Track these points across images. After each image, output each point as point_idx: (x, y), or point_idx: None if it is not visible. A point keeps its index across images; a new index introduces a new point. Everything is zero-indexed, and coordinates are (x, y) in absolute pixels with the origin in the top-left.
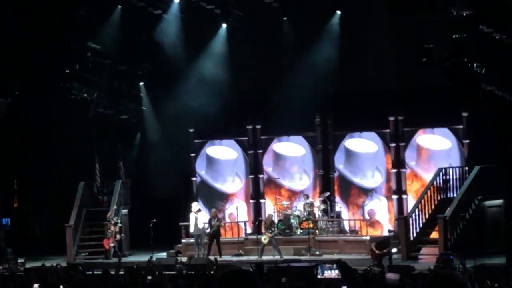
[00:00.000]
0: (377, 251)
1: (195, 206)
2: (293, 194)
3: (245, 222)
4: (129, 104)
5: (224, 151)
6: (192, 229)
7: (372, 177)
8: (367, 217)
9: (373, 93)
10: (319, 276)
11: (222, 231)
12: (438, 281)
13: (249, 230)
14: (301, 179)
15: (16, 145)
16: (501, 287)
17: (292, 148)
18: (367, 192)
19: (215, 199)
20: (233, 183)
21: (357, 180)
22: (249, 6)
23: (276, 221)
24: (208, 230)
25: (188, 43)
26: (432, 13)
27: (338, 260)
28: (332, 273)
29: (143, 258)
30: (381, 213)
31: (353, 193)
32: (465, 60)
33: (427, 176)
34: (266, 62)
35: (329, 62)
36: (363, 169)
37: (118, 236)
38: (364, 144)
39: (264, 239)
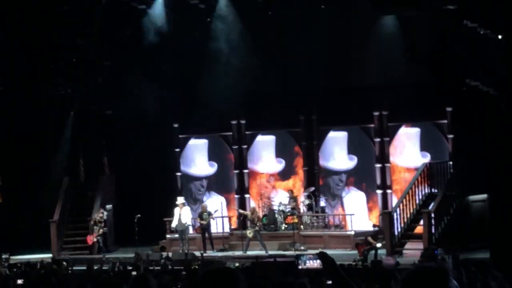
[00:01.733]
0: (367, 244)
1: (180, 200)
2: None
3: (229, 218)
4: (114, 100)
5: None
6: (174, 224)
7: (343, 160)
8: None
9: (357, 88)
10: (300, 267)
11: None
12: (423, 273)
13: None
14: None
15: (0, 140)
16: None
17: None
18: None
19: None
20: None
21: (329, 164)
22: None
23: (260, 215)
24: (199, 224)
25: (173, 37)
26: (415, 8)
27: (320, 252)
28: (315, 263)
29: (128, 254)
30: (360, 208)
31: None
32: (449, 55)
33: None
34: (249, 57)
35: (313, 57)
36: (333, 153)
37: (101, 230)
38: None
39: (249, 233)
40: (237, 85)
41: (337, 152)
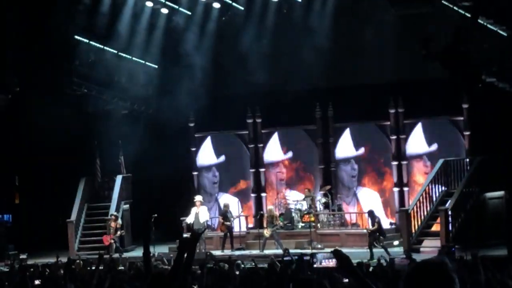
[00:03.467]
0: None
1: (198, 198)
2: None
3: (246, 217)
4: (130, 99)
5: None
6: (190, 220)
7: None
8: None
9: (373, 86)
10: (315, 266)
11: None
12: (426, 267)
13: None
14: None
15: (17, 141)
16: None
17: None
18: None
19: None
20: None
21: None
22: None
23: (277, 215)
24: (228, 223)
25: (190, 36)
26: (431, 5)
27: (335, 250)
28: (330, 262)
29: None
30: (376, 206)
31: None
32: (465, 51)
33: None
34: (263, 55)
35: (329, 55)
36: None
37: (119, 232)
38: None
39: (266, 232)
40: (253, 83)
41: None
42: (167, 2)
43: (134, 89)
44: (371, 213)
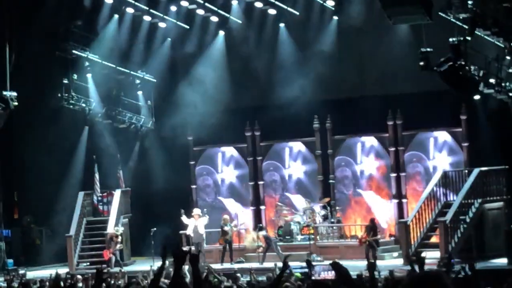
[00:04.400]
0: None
1: (196, 211)
2: None
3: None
4: (128, 113)
5: None
6: (189, 232)
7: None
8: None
9: (371, 97)
10: (314, 277)
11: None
12: (423, 279)
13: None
14: None
15: (16, 156)
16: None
17: None
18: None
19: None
20: None
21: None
22: (246, 13)
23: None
24: (226, 236)
25: (187, 51)
26: (428, 17)
27: (333, 262)
28: (329, 274)
29: (144, 267)
30: (383, 217)
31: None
32: (463, 63)
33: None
34: (263, 68)
35: (327, 67)
36: None
37: (118, 246)
38: None
39: (254, 239)
40: (251, 96)
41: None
42: (165, 16)
43: (133, 103)
44: (373, 222)
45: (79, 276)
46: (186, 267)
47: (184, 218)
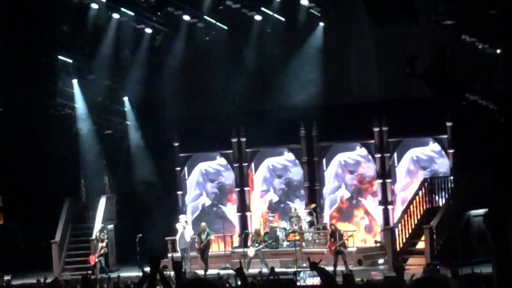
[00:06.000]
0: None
1: (182, 218)
2: None
3: (231, 236)
4: (114, 119)
5: None
6: (178, 242)
7: None
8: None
9: (357, 104)
10: (299, 283)
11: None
12: (430, 283)
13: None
14: None
15: (1, 162)
16: None
17: None
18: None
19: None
20: None
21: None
22: (233, 18)
23: (262, 234)
24: (198, 245)
25: (171, 56)
26: (414, 24)
27: (313, 263)
28: (315, 280)
29: (129, 273)
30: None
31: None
32: (448, 70)
33: None
34: (249, 75)
35: (313, 74)
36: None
37: (102, 250)
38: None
39: (250, 251)
40: (237, 103)
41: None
42: (150, 22)
43: (119, 109)
44: (333, 227)
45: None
46: (172, 273)
47: (178, 225)
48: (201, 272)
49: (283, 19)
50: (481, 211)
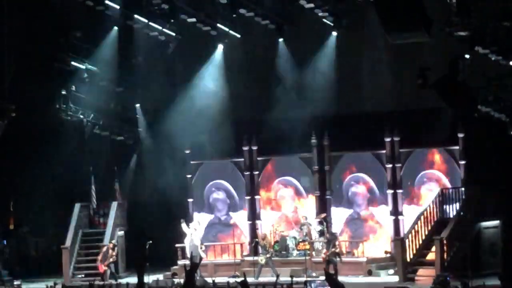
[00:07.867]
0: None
1: (192, 226)
2: None
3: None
4: (125, 126)
5: None
6: (187, 247)
7: None
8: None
9: (369, 114)
10: None
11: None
12: None
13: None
14: None
15: (12, 166)
16: None
17: None
18: None
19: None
20: None
21: None
22: (245, 27)
23: (272, 242)
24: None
25: (184, 64)
26: (427, 35)
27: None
28: None
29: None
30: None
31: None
32: (462, 81)
33: None
34: (262, 83)
35: (325, 83)
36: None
37: (111, 259)
38: None
39: (261, 259)
40: (249, 111)
41: None
42: (164, 30)
43: (131, 115)
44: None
45: None
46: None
47: (184, 226)
48: (210, 279)
49: (295, 27)
50: (492, 223)
